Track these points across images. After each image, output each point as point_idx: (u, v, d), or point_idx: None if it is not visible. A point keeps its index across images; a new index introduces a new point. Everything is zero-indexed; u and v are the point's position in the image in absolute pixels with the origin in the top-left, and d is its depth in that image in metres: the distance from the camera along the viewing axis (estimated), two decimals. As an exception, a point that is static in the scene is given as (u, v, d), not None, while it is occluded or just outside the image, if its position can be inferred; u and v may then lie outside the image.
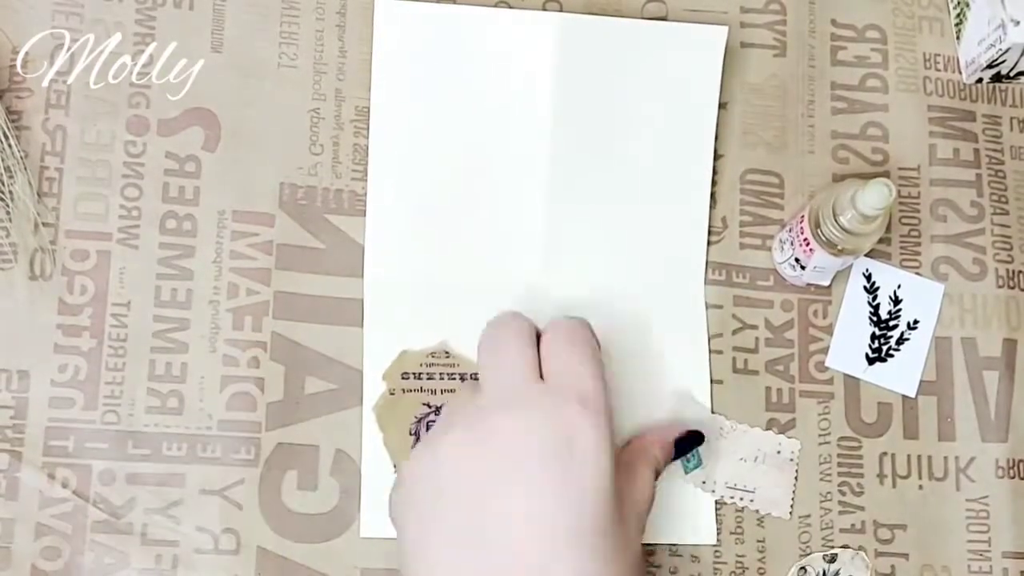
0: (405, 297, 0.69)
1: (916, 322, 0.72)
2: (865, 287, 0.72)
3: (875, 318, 0.72)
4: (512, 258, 0.70)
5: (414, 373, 0.68)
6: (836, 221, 0.65)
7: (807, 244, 0.67)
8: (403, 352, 0.69)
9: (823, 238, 0.66)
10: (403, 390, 0.68)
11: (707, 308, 0.71)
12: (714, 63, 0.71)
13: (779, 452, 0.70)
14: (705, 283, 0.71)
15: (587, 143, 0.70)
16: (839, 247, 0.66)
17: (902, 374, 0.72)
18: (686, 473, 0.68)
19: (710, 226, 0.72)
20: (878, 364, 0.72)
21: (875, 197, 0.62)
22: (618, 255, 0.71)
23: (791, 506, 0.69)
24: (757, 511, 0.69)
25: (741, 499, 0.69)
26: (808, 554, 0.69)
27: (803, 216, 0.68)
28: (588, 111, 0.70)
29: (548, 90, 0.69)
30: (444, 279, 0.69)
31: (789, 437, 0.70)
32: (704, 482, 0.69)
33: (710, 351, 0.70)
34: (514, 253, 0.70)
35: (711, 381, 0.70)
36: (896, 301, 0.72)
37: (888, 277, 0.73)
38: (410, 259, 0.69)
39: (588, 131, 0.70)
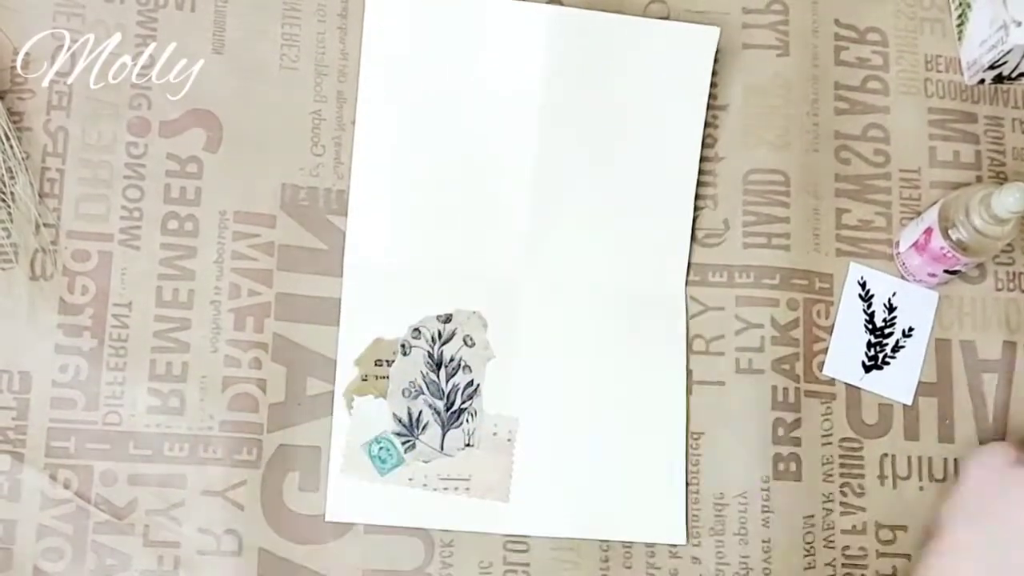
0: (381, 286, 0.69)
1: (911, 329, 0.72)
2: (860, 295, 0.72)
3: (870, 326, 0.72)
4: (493, 251, 0.70)
5: (387, 360, 0.69)
6: (970, 222, 0.65)
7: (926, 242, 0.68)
8: (376, 339, 0.69)
9: (953, 240, 0.66)
10: (376, 376, 0.68)
11: (706, 310, 0.71)
12: (704, 63, 0.71)
13: (495, 434, 0.68)
14: (689, 284, 0.71)
15: (574, 137, 0.70)
16: (969, 249, 0.66)
17: (898, 382, 0.72)
18: (382, 476, 0.66)
19: (710, 229, 0.72)
20: (875, 372, 0.72)
21: (1012, 200, 0.62)
22: (600, 251, 0.71)
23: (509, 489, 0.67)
24: (479, 498, 0.67)
25: (456, 489, 0.67)
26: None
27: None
28: (576, 105, 0.70)
29: (537, 82, 0.70)
30: (423, 270, 0.69)
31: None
32: (411, 479, 0.67)
33: (691, 350, 0.70)
34: (495, 246, 0.70)
35: (691, 380, 0.70)
36: (891, 309, 0.72)
37: (883, 285, 0.73)
38: (390, 249, 0.69)
39: (575, 125, 0.70)
